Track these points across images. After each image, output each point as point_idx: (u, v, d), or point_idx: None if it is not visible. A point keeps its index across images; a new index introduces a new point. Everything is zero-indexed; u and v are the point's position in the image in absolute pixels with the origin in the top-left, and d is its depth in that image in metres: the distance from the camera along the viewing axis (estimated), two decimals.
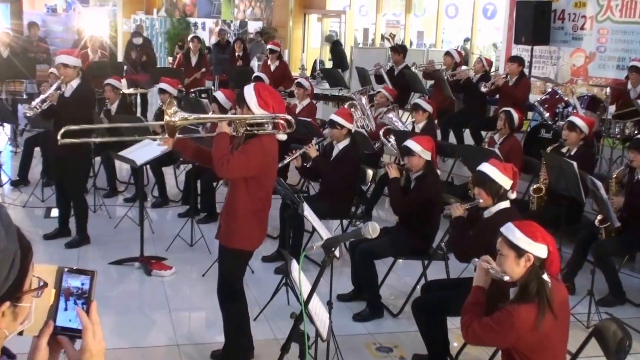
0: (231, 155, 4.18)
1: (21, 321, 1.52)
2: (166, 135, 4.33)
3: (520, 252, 3.30)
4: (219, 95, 7.45)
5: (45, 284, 1.55)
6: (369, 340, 5.20)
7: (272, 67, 12.05)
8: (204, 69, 12.81)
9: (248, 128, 4.24)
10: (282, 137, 4.38)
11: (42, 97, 6.46)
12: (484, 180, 4.39)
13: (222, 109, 7.33)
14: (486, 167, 4.42)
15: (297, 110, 9.12)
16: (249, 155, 4.22)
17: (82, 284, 1.62)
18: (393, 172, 5.70)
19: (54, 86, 6.45)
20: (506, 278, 3.41)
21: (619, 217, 5.79)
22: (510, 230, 3.35)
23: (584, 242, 6.13)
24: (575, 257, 6.20)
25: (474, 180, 4.64)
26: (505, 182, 4.36)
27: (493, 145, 7.41)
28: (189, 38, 13.72)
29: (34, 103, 6.47)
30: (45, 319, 1.59)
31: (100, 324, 1.61)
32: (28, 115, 6.38)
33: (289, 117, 4.28)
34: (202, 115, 4.59)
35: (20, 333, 1.57)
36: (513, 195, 4.51)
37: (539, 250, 3.29)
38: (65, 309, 1.60)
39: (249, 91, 4.28)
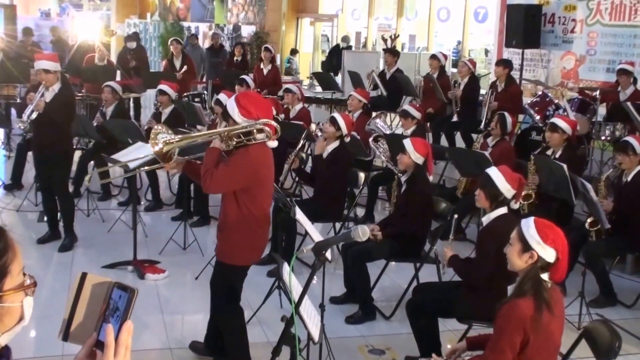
0: (215, 169, 4.07)
1: (14, 322, 1.50)
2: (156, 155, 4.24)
3: (526, 247, 3.34)
4: (223, 97, 7.47)
5: (34, 283, 1.54)
6: (362, 342, 5.23)
7: (265, 71, 12.10)
8: (185, 67, 12.43)
9: (237, 140, 4.12)
10: (273, 144, 4.22)
11: (30, 108, 6.48)
12: (486, 183, 4.42)
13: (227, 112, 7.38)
14: (492, 172, 4.44)
15: (291, 116, 9.15)
16: (232, 167, 4.10)
17: (118, 299, 1.59)
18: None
19: (39, 94, 6.47)
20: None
21: (608, 219, 5.83)
22: (527, 225, 3.38)
23: (574, 244, 6.16)
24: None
25: (478, 181, 4.68)
26: (507, 190, 4.37)
27: (485, 148, 7.43)
28: (169, 42, 13.30)
29: (24, 117, 6.54)
30: (92, 330, 1.59)
31: (129, 348, 1.55)
32: (22, 128, 6.40)
33: (274, 123, 4.14)
34: (185, 136, 4.46)
35: (65, 339, 1.58)
36: (516, 206, 4.54)
37: (546, 252, 3.31)
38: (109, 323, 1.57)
39: (230, 104, 4.18)
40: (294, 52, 18.15)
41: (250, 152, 4.12)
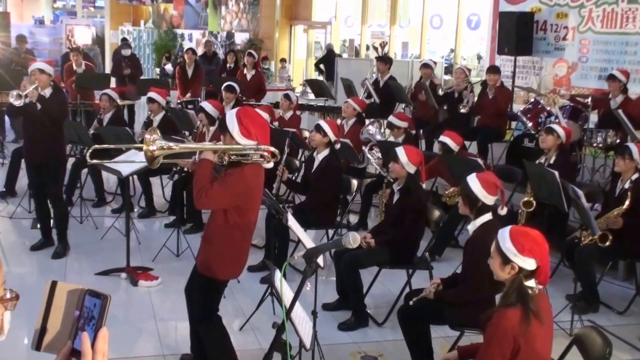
0: (210, 187, 4.07)
1: None
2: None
3: (506, 260, 3.36)
4: (207, 105, 7.56)
5: (17, 297, 1.54)
6: (354, 349, 5.24)
7: (248, 76, 12.13)
8: (199, 99, 12.66)
9: (233, 158, 4.12)
10: (268, 165, 4.21)
11: (24, 91, 6.35)
12: (464, 189, 4.49)
13: (210, 118, 7.46)
14: (471, 179, 4.47)
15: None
16: (228, 187, 4.10)
17: (93, 307, 1.58)
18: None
19: (33, 86, 6.40)
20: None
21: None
22: (503, 237, 3.40)
23: (568, 251, 6.17)
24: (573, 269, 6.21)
25: (459, 187, 4.71)
26: (484, 197, 4.40)
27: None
28: (184, 50, 13.72)
29: (13, 92, 6.32)
30: (66, 339, 1.58)
31: (105, 355, 1.54)
32: (17, 103, 6.26)
33: (272, 149, 4.13)
34: (181, 145, 4.44)
35: (38, 349, 1.58)
36: (503, 211, 4.57)
37: (525, 263, 3.33)
38: (84, 331, 1.56)
39: (230, 118, 4.14)
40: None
41: (245, 172, 4.12)
